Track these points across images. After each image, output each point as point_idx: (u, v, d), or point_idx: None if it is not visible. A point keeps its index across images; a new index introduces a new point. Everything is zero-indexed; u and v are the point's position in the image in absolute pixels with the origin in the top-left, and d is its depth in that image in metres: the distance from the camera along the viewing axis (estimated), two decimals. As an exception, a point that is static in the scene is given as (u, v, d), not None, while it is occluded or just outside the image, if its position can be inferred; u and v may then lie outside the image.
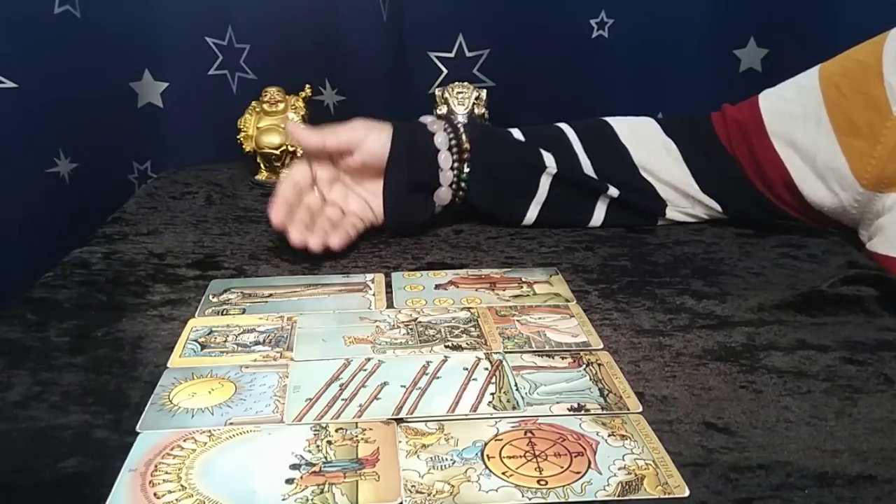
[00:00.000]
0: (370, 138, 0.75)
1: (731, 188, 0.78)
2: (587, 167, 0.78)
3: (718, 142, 0.79)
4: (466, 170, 0.76)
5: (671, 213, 0.79)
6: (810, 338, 0.56)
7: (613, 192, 0.78)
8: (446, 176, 0.76)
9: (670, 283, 0.66)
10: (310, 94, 0.97)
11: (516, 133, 0.80)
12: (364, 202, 0.77)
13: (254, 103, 0.96)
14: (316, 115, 1.00)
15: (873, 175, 0.70)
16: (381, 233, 0.78)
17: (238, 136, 0.95)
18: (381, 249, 0.74)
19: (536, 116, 0.89)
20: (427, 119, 0.79)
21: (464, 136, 0.76)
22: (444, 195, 0.77)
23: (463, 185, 0.77)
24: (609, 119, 0.82)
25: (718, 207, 0.79)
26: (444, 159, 0.76)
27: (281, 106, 0.95)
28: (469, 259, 0.72)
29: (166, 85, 1.06)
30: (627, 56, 1.08)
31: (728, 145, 0.78)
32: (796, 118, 0.75)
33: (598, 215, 0.79)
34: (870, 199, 0.71)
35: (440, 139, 0.76)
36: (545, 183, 0.77)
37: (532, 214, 0.79)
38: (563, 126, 0.81)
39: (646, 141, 0.80)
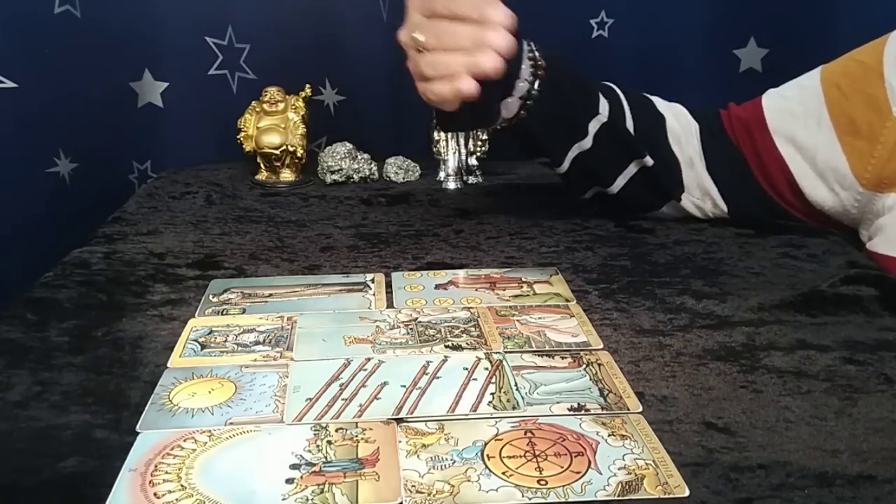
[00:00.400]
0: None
1: (736, 183, 0.78)
2: (630, 125, 0.77)
3: (727, 136, 0.79)
4: (537, 86, 0.72)
5: (684, 202, 0.79)
6: (810, 338, 0.56)
7: (648, 160, 0.76)
8: (520, 86, 0.72)
9: (670, 283, 0.66)
10: (310, 94, 0.97)
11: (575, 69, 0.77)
12: None
13: (254, 103, 0.96)
14: (316, 115, 1.00)
15: (873, 175, 0.70)
16: (381, 232, 0.78)
17: (238, 136, 0.96)
18: (381, 249, 0.74)
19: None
20: None
21: (538, 53, 0.72)
22: (512, 106, 0.72)
23: (529, 102, 0.72)
24: (645, 94, 0.82)
25: (724, 205, 0.79)
26: (525, 69, 0.72)
27: (281, 106, 0.95)
28: (469, 259, 0.72)
29: (166, 85, 1.06)
30: (627, 56, 1.08)
31: (735, 141, 0.79)
32: (797, 117, 0.75)
33: (621, 181, 0.77)
34: (870, 199, 0.71)
35: (524, 47, 0.72)
36: (592, 129, 0.75)
37: (568, 160, 0.76)
38: (610, 84, 0.79)
39: (679, 115, 0.80)
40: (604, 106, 0.76)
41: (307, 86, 0.97)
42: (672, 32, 1.07)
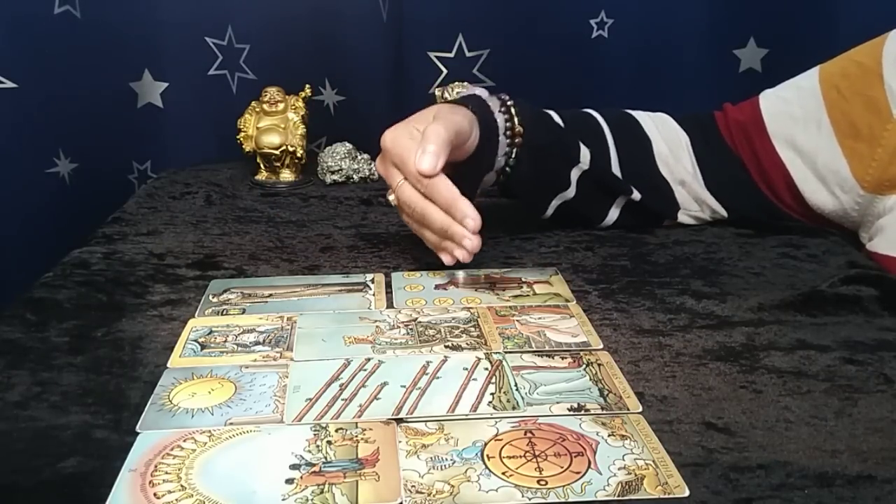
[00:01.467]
0: (473, 134, 0.67)
1: (735, 189, 0.78)
2: (615, 163, 0.76)
3: (723, 142, 0.79)
4: (513, 155, 0.72)
5: (681, 217, 0.79)
6: (810, 338, 0.56)
7: (636, 195, 0.76)
8: (498, 161, 0.72)
9: (670, 283, 0.66)
10: (310, 94, 0.97)
11: (555, 117, 0.76)
12: None
13: (254, 103, 0.96)
14: (316, 115, 1.00)
15: (874, 178, 0.70)
16: (381, 232, 0.78)
17: (238, 136, 0.95)
18: (381, 249, 0.74)
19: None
20: (481, 92, 0.73)
21: (516, 120, 0.71)
22: (489, 179, 0.73)
23: (508, 170, 0.72)
24: (630, 112, 0.81)
25: (723, 212, 0.79)
26: (502, 144, 0.71)
27: (281, 106, 0.95)
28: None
29: (166, 85, 1.06)
30: (627, 56, 1.08)
31: (732, 145, 0.78)
32: (797, 120, 0.75)
33: (613, 215, 0.78)
34: (870, 202, 0.71)
35: (500, 121, 0.71)
36: (574, 177, 0.75)
37: (552, 207, 0.76)
38: (594, 114, 0.79)
39: (665, 133, 0.79)
40: (584, 155, 0.75)
41: (307, 86, 0.97)
42: (672, 32, 1.07)
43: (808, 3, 1.05)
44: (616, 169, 0.77)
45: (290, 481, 0.41)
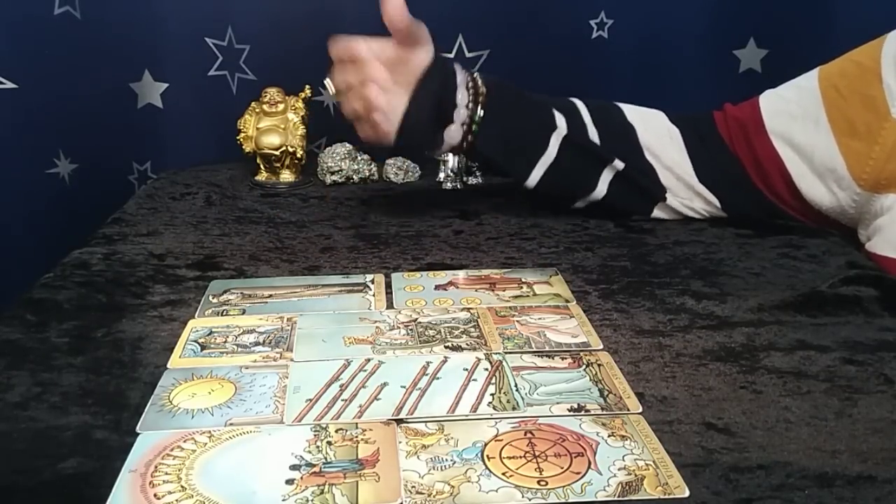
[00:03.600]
0: (427, 47, 0.75)
1: (729, 184, 0.78)
2: (594, 138, 0.78)
3: (720, 139, 0.79)
4: (480, 112, 0.76)
5: (671, 201, 0.79)
6: (810, 338, 0.56)
7: (619, 164, 0.77)
8: (460, 113, 0.75)
9: (670, 283, 0.66)
10: (310, 95, 0.97)
11: (526, 92, 0.80)
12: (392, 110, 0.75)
13: (254, 104, 0.96)
14: (316, 116, 1.00)
15: (871, 176, 0.70)
16: (381, 233, 0.78)
17: (238, 137, 0.95)
18: (381, 250, 0.74)
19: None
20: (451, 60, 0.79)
21: (479, 81, 0.76)
22: (454, 133, 0.76)
23: (474, 127, 0.76)
24: (617, 103, 0.82)
25: (717, 202, 0.79)
26: (461, 97, 0.75)
27: (281, 106, 0.95)
28: (469, 259, 0.72)
29: (166, 85, 1.06)
30: (627, 56, 1.08)
31: (729, 143, 0.79)
32: (795, 118, 0.75)
33: (602, 187, 0.79)
34: (868, 200, 0.71)
35: (460, 77, 0.76)
36: (554, 143, 0.77)
37: (537, 175, 0.78)
38: (573, 99, 0.81)
39: (652, 123, 0.80)
40: (560, 120, 0.77)
41: (307, 86, 0.97)
42: (672, 33, 1.07)
43: (808, 3, 1.05)
44: (592, 132, 0.78)
45: (290, 482, 0.41)
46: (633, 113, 0.81)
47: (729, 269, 0.69)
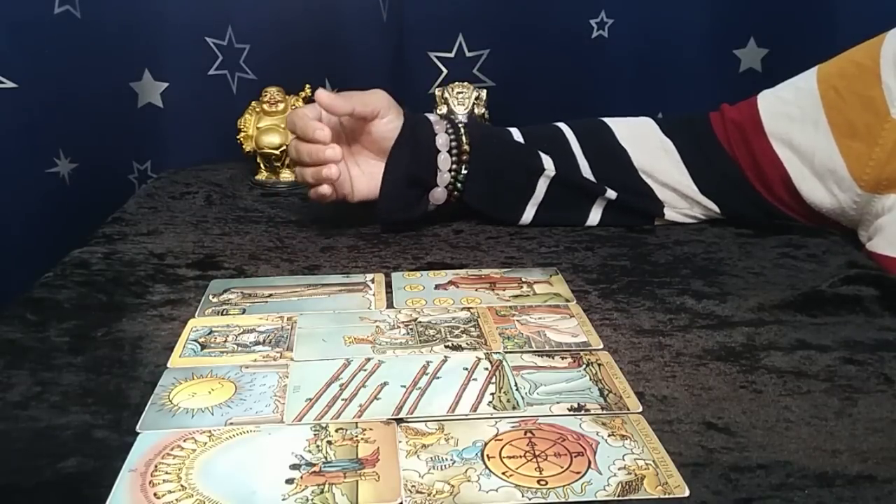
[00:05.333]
0: (388, 116, 0.76)
1: (729, 189, 0.78)
2: (585, 170, 0.78)
3: (717, 142, 0.79)
4: (464, 171, 0.77)
5: (669, 214, 0.79)
6: (810, 338, 0.56)
7: (611, 194, 0.78)
8: (444, 178, 0.77)
9: (670, 283, 0.66)
10: (310, 94, 0.97)
11: (516, 134, 0.80)
12: (347, 175, 0.77)
13: (254, 103, 0.96)
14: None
15: (871, 177, 0.70)
16: (381, 232, 0.78)
17: (238, 136, 0.96)
18: (381, 249, 0.74)
19: (536, 116, 0.89)
20: (432, 117, 0.79)
21: (464, 139, 0.77)
22: (439, 195, 0.78)
23: (459, 185, 0.78)
24: (607, 120, 0.82)
25: (717, 209, 0.78)
26: (444, 161, 0.77)
27: (281, 106, 0.95)
28: (469, 259, 0.72)
29: (166, 85, 1.06)
30: (627, 56, 1.08)
31: (727, 146, 0.78)
32: (794, 120, 0.75)
33: (595, 216, 0.79)
34: (868, 201, 0.71)
35: (441, 140, 0.77)
36: (542, 185, 0.78)
37: (529, 215, 0.79)
38: (563, 126, 0.81)
39: (644, 141, 0.80)
40: (548, 162, 0.78)
41: (307, 86, 0.97)
42: (672, 32, 1.07)
43: (808, 3, 1.05)
44: (588, 175, 0.78)
45: (290, 481, 0.41)
46: (625, 131, 0.81)
47: (729, 269, 0.69)
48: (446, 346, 0.55)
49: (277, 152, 0.94)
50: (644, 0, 1.06)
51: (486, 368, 0.52)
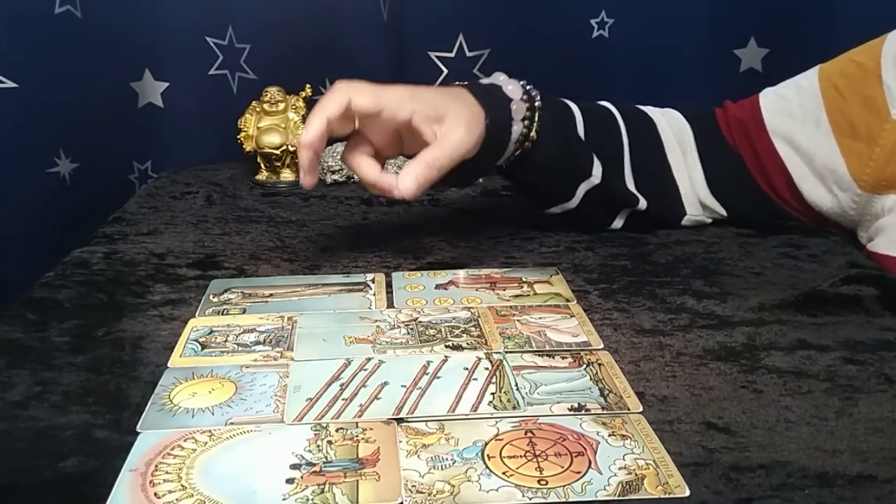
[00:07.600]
0: (472, 150, 0.65)
1: (735, 187, 0.78)
2: (628, 172, 0.76)
3: (723, 139, 0.79)
4: (516, 154, 0.71)
5: (685, 222, 0.79)
6: (810, 338, 0.56)
7: (642, 205, 0.76)
8: (514, 130, 0.69)
9: (670, 283, 0.66)
10: (310, 94, 0.97)
11: (577, 116, 0.75)
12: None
13: (254, 103, 0.96)
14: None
15: (871, 177, 0.70)
16: (381, 232, 0.78)
17: (238, 136, 0.96)
18: (382, 249, 0.74)
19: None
20: (517, 93, 0.70)
21: (535, 127, 0.70)
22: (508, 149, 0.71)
23: (506, 168, 0.72)
24: (643, 109, 0.80)
25: (723, 212, 0.78)
26: (508, 151, 0.70)
27: (281, 106, 0.95)
28: (469, 259, 0.72)
29: (167, 85, 1.06)
30: (627, 56, 1.08)
31: (732, 142, 0.78)
32: (796, 118, 0.75)
33: (617, 224, 0.77)
34: (868, 201, 0.71)
35: (515, 130, 0.69)
36: (581, 191, 0.74)
37: (554, 211, 0.76)
38: (615, 113, 0.78)
39: (675, 126, 0.79)
40: (597, 170, 0.73)
41: (307, 86, 0.97)
42: (672, 32, 1.07)
43: (808, 3, 1.05)
44: (629, 176, 0.76)
45: (290, 481, 0.41)
46: (660, 119, 0.79)
47: (729, 269, 0.69)
48: (447, 346, 0.55)
49: (278, 152, 0.94)
50: (644, 0, 1.06)
51: (487, 368, 0.52)
